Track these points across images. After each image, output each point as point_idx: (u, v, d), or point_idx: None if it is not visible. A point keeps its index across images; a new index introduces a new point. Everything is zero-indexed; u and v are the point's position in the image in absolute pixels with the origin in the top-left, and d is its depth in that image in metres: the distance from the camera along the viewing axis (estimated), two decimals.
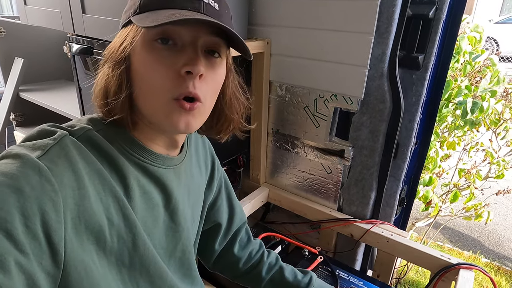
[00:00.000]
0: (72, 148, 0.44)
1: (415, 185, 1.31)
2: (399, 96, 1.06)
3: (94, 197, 0.44)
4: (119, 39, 0.50)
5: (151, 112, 0.49)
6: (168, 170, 0.56)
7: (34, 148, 0.42)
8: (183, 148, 0.61)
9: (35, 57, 1.78)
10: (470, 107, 1.33)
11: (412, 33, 1.05)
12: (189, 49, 0.47)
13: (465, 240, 2.60)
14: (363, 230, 1.20)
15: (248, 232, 0.85)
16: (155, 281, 0.53)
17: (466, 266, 1.02)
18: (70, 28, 1.10)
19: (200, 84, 0.48)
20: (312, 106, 1.21)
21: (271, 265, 0.82)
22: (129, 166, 0.50)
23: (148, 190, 0.52)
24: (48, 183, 0.39)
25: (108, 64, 0.49)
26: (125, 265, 0.48)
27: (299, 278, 0.80)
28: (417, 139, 1.21)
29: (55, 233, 0.39)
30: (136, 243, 0.49)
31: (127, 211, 0.48)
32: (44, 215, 0.38)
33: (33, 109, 1.75)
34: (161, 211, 0.55)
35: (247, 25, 1.20)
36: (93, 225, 0.43)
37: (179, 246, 0.59)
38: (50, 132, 0.45)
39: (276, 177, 1.43)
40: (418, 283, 2.06)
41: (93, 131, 0.48)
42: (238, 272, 0.81)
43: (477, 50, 1.48)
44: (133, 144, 0.52)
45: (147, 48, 0.47)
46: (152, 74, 0.47)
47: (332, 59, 1.11)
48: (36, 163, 0.40)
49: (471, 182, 1.62)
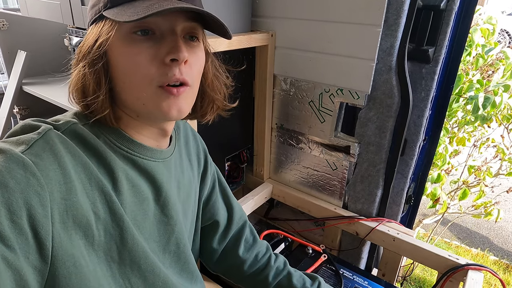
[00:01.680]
0: (57, 142, 0.43)
1: (423, 182, 1.28)
2: (407, 91, 1.02)
3: (80, 191, 0.43)
4: (92, 36, 0.48)
5: (139, 104, 0.49)
6: (158, 163, 0.55)
7: (18, 143, 0.41)
8: (172, 141, 0.61)
9: (38, 50, 1.77)
10: (482, 102, 1.28)
11: (422, 24, 1.00)
12: (170, 37, 0.47)
13: (473, 237, 2.55)
14: (369, 228, 1.17)
15: (253, 232, 0.82)
16: (147, 276, 0.52)
17: (475, 267, 0.98)
18: (69, 20, 1.08)
19: (186, 69, 0.48)
20: (317, 101, 1.18)
21: (279, 270, 0.78)
22: (117, 160, 0.49)
23: (137, 183, 0.51)
24: (33, 177, 0.39)
25: (83, 63, 0.48)
26: (114, 260, 0.47)
27: (307, 285, 0.77)
28: (426, 135, 1.17)
29: (41, 228, 0.38)
30: (124, 238, 0.48)
31: (114, 205, 0.47)
32: (31, 210, 0.38)
33: (37, 103, 1.74)
34: (151, 205, 0.54)
35: (251, 17, 1.17)
36: (80, 219, 0.43)
37: (173, 239, 0.58)
38: (34, 126, 0.44)
39: (280, 173, 1.40)
40: (425, 281, 2.03)
41: (78, 124, 0.48)
42: (243, 275, 0.78)
43: (490, 43, 1.42)
44: (120, 137, 0.51)
45: (126, 41, 0.46)
46: (136, 66, 0.46)
47: (338, 52, 1.07)
48: (20, 158, 0.39)
49: (481, 180, 1.57)
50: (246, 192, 1.35)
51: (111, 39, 0.46)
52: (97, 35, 0.47)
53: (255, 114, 1.32)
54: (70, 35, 1.11)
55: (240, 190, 1.49)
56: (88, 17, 0.50)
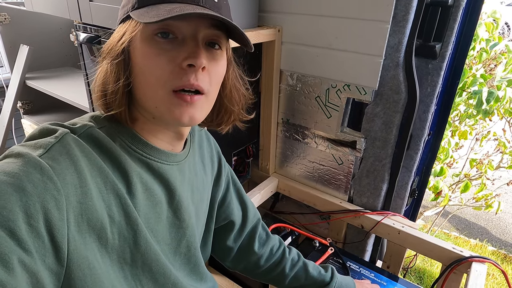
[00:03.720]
0: (74, 146, 0.44)
1: (427, 176, 1.30)
2: (414, 86, 1.03)
3: (96, 195, 0.44)
4: (118, 34, 0.49)
5: (153, 105, 0.49)
6: (172, 166, 0.55)
7: (36, 147, 0.42)
8: (186, 144, 0.61)
9: (40, 44, 1.76)
10: (486, 97, 1.30)
11: (429, 20, 1.01)
12: (190, 42, 0.47)
13: (472, 228, 2.59)
14: (374, 222, 1.19)
15: (265, 228, 0.84)
16: (158, 278, 0.53)
17: (478, 259, 1.01)
18: (76, 16, 1.08)
19: (203, 76, 0.48)
20: (324, 96, 1.19)
21: (294, 261, 0.82)
22: (132, 163, 0.50)
23: (151, 187, 0.52)
24: (50, 182, 0.39)
25: (107, 60, 0.49)
26: (127, 263, 0.48)
27: (323, 273, 0.82)
28: (431, 130, 1.18)
29: (58, 231, 0.39)
30: (138, 241, 0.48)
31: (128, 209, 0.47)
32: (47, 213, 0.38)
33: (40, 97, 1.73)
34: (164, 208, 0.54)
35: (258, 12, 1.17)
36: (95, 223, 0.43)
37: (184, 242, 0.59)
38: (51, 130, 0.45)
39: (285, 167, 1.42)
40: (425, 271, 2.08)
41: (95, 128, 0.48)
42: (260, 269, 0.81)
43: (494, 37, 1.43)
44: (135, 140, 0.51)
45: (147, 42, 0.47)
46: (153, 67, 0.47)
47: (345, 48, 1.08)
48: (38, 162, 0.40)
49: (482, 172, 1.60)
50: (252, 186, 1.37)
51: (133, 38, 0.47)
52: (121, 34, 0.48)
53: (261, 109, 1.33)
54: (77, 31, 1.11)
55: (246, 184, 1.50)
56: (118, 17, 0.51)
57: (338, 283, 0.83)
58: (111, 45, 0.49)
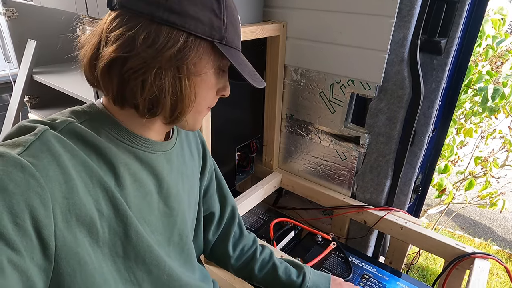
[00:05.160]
0: (54, 142, 0.43)
1: (431, 173, 1.30)
2: (419, 82, 1.03)
3: (82, 189, 0.44)
4: (194, 52, 0.47)
5: (184, 117, 0.53)
6: (159, 155, 0.55)
7: (15, 145, 0.41)
8: (173, 134, 0.61)
9: (47, 38, 1.77)
10: (491, 94, 1.29)
11: (435, 16, 1.00)
12: (225, 76, 0.57)
13: (476, 227, 2.58)
14: (377, 217, 1.19)
15: (241, 225, 0.84)
16: (152, 269, 0.53)
17: (481, 255, 1.01)
18: (83, 10, 1.09)
19: None
20: (328, 92, 1.19)
21: (264, 262, 0.80)
22: (119, 153, 0.50)
23: (140, 177, 0.52)
24: (32, 179, 0.39)
25: (167, 71, 0.46)
26: (119, 256, 0.48)
27: (293, 277, 0.78)
28: (435, 126, 1.18)
29: (45, 228, 0.39)
30: (128, 234, 0.48)
31: (117, 202, 0.47)
32: (33, 211, 0.38)
33: (47, 92, 1.75)
34: (154, 197, 0.55)
35: (263, 7, 1.17)
36: (84, 218, 0.43)
37: (176, 231, 0.59)
38: (30, 128, 0.44)
39: (289, 163, 1.42)
40: (428, 269, 2.07)
41: (75, 123, 0.47)
42: (231, 267, 0.81)
43: (500, 34, 1.42)
44: (121, 131, 0.51)
45: (216, 73, 0.53)
46: (208, 94, 0.54)
47: (350, 43, 1.08)
48: (18, 160, 0.39)
49: (487, 170, 1.59)
50: (255, 181, 1.37)
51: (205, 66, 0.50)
52: (198, 57, 0.48)
53: (265, 104, 1.33)
54: (84, 25, 1.12)
55: (249, 180, 1.51)
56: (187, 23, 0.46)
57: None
58: (174, 53, 0.46)
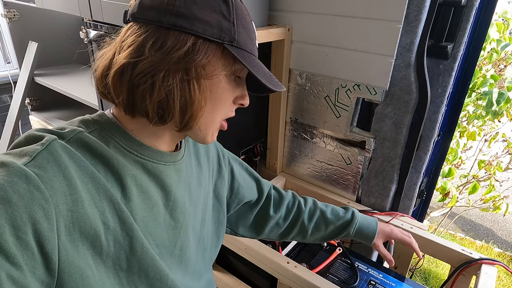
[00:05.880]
0: (62, 152, 0.42)
1: (435, 177, 1.29)
2: (426, 87, 1.02)
3: (88, 202, 0.43)
4: (201, 54, 0.46)
5: (198, 126, 0.51)
6: (168, 166, 0.55)
7: (21, 154, 0.41)
8: (182, 144, 0.60)
9: (49, 40, 1.76)
10: (496, 98, 1.29)
11: (442, 20, 1.00)
12: (243, 84, 0.55)
13: (478, 229, 2.58)
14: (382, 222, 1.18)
15: (277, 189, 0.87)
16: (155, 283, 0.52)
17: (488, 261, 1.00)
18: (87, 13, 1.08)
19: None
20: (333, 96, 1.18)
21: (311, 211, 0.86)
22: (126, 164, 0.49)
23: (146, 189, 0.51)
24: (37, 191, 0.38)
25: (175, 73, 0.46)
26: (122, 269, 0.47)
27: (341, 215, 0.87)
28: (440, 130, 1.18)
29: (48, 242, 0.38)
30: (134, 247, 0.48)
31: (123, 214, 0.46)
32: (36, 224, 0.37)
33: (48, 94, 1.74)
34: (161, 210, 0.54)
35: (268, 11, 1.16)
36: (88, 231, 0.42)
37: (178, 243, 0.58)
38: (38, 137, 0.43)
39: (293, 167, 1.42)
40: (430, 272, 2.07)
41: (84, 132, 0.47)
42: (281, 229, 0.85)
43: (505, 38, 1.42)
44: (130, 141, 0.50)
45: (228, 78, 0.51)
46: (223, 100, 0.52)
47: (356, 48, 1.07)
48: (23, 170, 0.38)
49: (491, 174, 1.59)
50: None
51: (215, 69, 0.48)
52: (207, 59, 0.47)
53: (270, 108, 1.33)
54: (87, 28, 1.11)
55: None
56: (195, 26, 0.46)
57: (358, 225, 0.87)
58: (181, 56, 0.45)
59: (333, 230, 0.87)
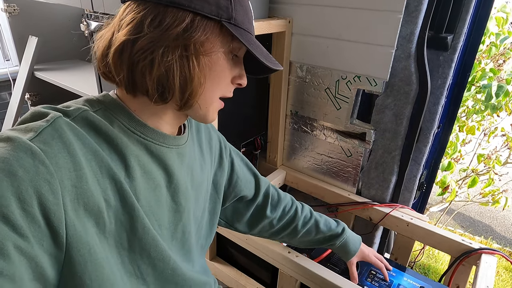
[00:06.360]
0: (66, 129, 0.43)
1: (435, 170, 1.30)
2: (426, 78, 1.03)
3: (91, 178, 0.43)
4: (200, 31, 0.47)
5: (198, 105, 0.52)
6: (171, 149, 0.55)
7: (27, 130, 0.41)
8: (186, 129, 0.61)
9: (49, 35, 1.76)
10: (495, 91, 1.29)
11: (442, 12, 1.01)
12: (241, 64, 0.56)
13: (476, 225, 2.59)
14: (382, 214, 1.19)
15: (277, 189, 0.89)
16: (157, 264, 0.52)
17: (488, 251, 1.01)
18: (88, 4, 1.08)
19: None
20: (334, 88, 1.19)
21: (306, 219, 0.89)
22: (130, 145, 0.49)
23: (150, 169, 0.51)
24: (42, 165, 0.39)
25: (174, 49, 0.46)
26: (124, 248, 0.48)
27: (333, 227, 0.90)
28: (440, 122, 1.18)
29: (54, 216, 0.39)
30: (135, 226, 0.48)
31: (125, 193, 0.47)
32: (41, 198, 0.38)
33: (48, 89, 1.74)
34: (163, 191, 0.54)
35: (268, 3, 1.17)
36: (91, 207, 0.43)
37: (180, 226, 0.58)
38: (43, 113, 0.44)
39: (293, 160, 1.42)
40: (430, 267, 2.07)
41: (89, 111, 0.47)
42: (273, 229, 0.87)
43: (503, 32, 1.42)
44: (133, 121, 0.51)
45: (226, 56, 0.52)
46: (221, 78, 0.53)
47: (356, 39, 1.07)
48: (28, 146, 0.39)
49: (490, 168, 1.60)
50: None
51: (214, 46, 0.49)
52: (205, 36, 0.47)
53: (270, 101, 1.33)
54: (88, 20, 1.11)
55: None
56: (193, 3, 0.46)
57: (345, 240, 0.91)
58: (180, 33, 0.46)
59: (320, 238, 0.91)
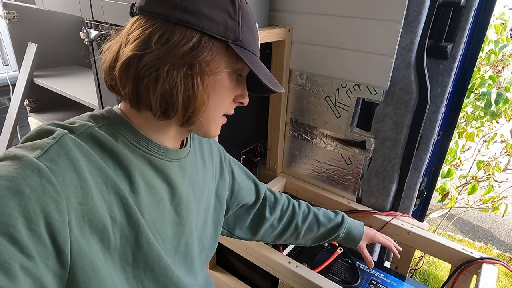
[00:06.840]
0: (72, 146, 0.43)
1: (435, 177, 1.30)
2: (426, 87, 1.03)
3: (97, 195, 0.44)
4: (206, 51, 0.47)
5: (200, 122, 0.52)
6: (173, 163, 0.55)
7: (33, 148, 0.41)
8: (188, 142, 0.61)
9: (48, 42, 1.76)
10: (495, 98, 1.30)
11: (441, 21, 1.01)
12: (244, 84, 0.56)
13: (476, 231, 2.59)
14: (383, 222, 1.19)
15: (272, 191, 0.90)
16: (160, 279, 0.52)
17: (489, 260, 1.01)
18: (88, 13, 1.08)
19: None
20: (334, 96, 1.19)
21: (305, 214, 0.90)
22: (134, 160, 0.49)
23: (153, 184, 0.52)
24: (49, 184, 0.39)
25: (179, 68, 0.46)
26: (128, 264, 0.48)
27: (332, 217, 0.92)
28: (440, 130, 1.18)
29: (60, 234, 0.39)
30: (139, 242, 0.48)
31: (130, 209, 0.47)
32: (48, 217, 0.38)
33: (47, 95, 1.74)
34: (166, 205, 0.54)
35: (268, 12, 1.17)
36: (97, 224, 0.43)
37: (183, 240, 0.59)
38: (49, 131, 0.44)
39: (293, 167, 1.42)
40: (430, 273, 2.07)
41: (94, 127, 0.48)
42: (276, 231, 0.88)
43: (502, 39, 1.43)
44: (137, 136, 0.51)
45: (230, 76, 0.52)
46: (224, 98, 0.53)
47: (356, 48, 1.08)
48: (35, 164, 0.39)
49: (490, 174, 1.60)
50: None
51: (221, 67, 0.49)
52: (211, 56, 0.48)
53: (270, 108, 1.33)
54: (88, 28, 1.11)
55: None
56: (201, 22, 0.46)
57: (347, 227, 0.92)
58: (186, 52, 0.46)
59: (324, 232, 0.91)
